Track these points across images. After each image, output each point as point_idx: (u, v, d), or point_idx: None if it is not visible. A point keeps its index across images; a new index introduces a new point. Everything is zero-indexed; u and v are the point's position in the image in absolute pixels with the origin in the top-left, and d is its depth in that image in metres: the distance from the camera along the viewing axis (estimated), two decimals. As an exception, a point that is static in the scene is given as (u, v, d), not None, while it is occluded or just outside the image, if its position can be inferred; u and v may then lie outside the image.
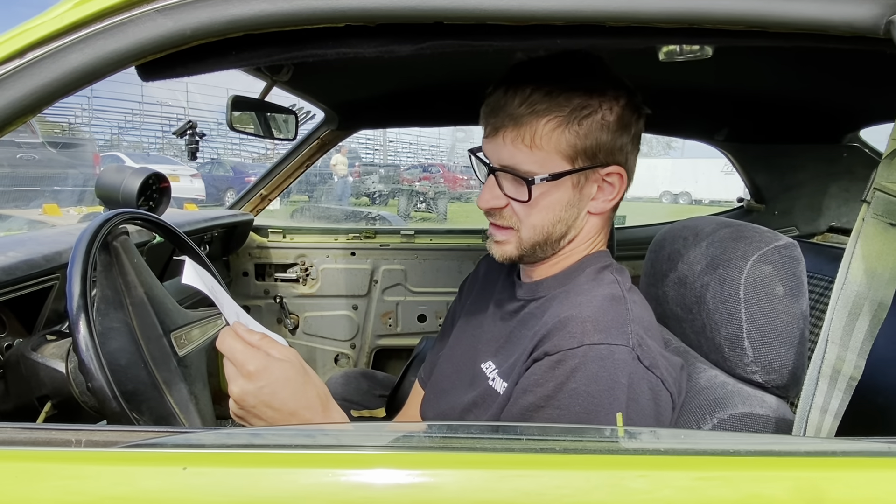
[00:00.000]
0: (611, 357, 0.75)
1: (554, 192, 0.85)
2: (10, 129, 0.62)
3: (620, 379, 0.74)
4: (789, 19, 0.59)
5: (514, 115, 0.83)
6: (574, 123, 0.82)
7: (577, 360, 0.75)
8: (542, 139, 0.83)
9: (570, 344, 0.76)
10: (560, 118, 0.82)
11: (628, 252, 2.20)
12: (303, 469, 0.57)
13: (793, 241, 0.84)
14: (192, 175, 13.43)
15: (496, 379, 0.89)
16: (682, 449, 0.59)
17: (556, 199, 0.86)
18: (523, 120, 0.82)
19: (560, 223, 0.87)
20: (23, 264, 1.08)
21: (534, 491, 0.54)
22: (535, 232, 0.88)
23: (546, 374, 0.77)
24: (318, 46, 0.65)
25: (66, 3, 0.62)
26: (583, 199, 0.87)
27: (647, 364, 0.77)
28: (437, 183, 15.60)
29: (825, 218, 2.22)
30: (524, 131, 0.83)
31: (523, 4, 0.59)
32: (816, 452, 0.59)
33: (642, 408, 0.75)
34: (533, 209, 0.86)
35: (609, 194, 0.88)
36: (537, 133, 0.82)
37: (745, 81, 1.68)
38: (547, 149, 0.83)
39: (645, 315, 0.84)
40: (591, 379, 0.74)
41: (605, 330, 0.77)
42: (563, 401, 0.75)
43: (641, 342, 0.78)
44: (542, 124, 0.82)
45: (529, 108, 0.82)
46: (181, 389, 0.95)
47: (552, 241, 0.89)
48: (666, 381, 0.79)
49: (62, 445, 0.58)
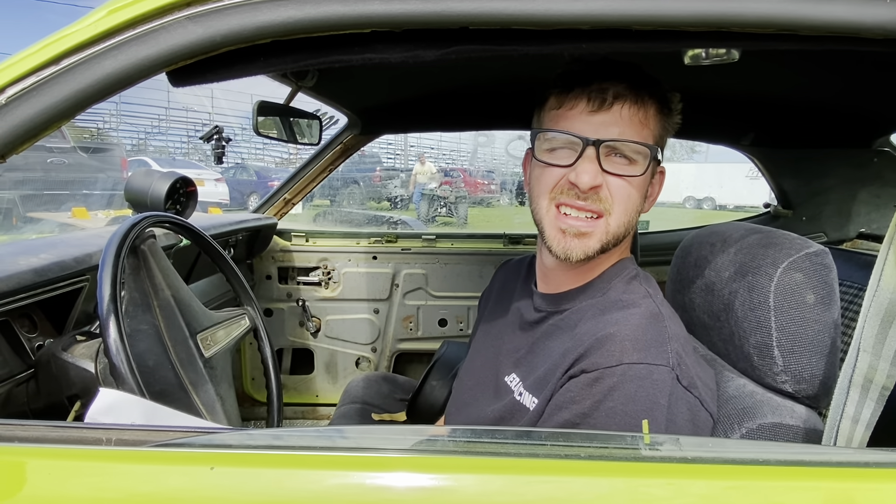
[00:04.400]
0: (650, 377, 0.73)
1: (645, 173, 0.84)
2: (46, 134, 0.64)
3: (660, 400, 0.72)
4: (820, 22, 0.58)
5: (634, 88, 0.81)
6: (667, 115, 0.86)
7: (616, 379, 0.74)
8: (650, 119, 0.83)
9: (609, 362, 0.74)
10: (663, 104, 0.85)
11: (652, 258, 2.17)
12: (327, 471, 0.57)
13: (824, 249, 0.82)
14: (216, 179, 13.61)
15: (524, 393, 0.87)
16: (710, 457, 0.58)
17: (643, 184, 0.85)
18: (643, 95, 0.82)
19: (637, 214, 0.86)
20: (54, 266, 1.10)
21: (558, 497, 0.54)
22: (625, 218, 0.84)
23: (583, 391, 0.75)
24: (345, 52, 0.66)
25: (100, 11, 0.63)
26: (645, 193, 0.87)
27: (685, 384, 0.75)
28: (457, 187, 15.60)
29: (854, 224, 2.18)
30: (640, 107, 0.82)
31: (549, 9, 0.59)
32: (848, 463, 0.57)
33: (679, 428, 0.73)
34: (634, 190, 0.83)
35: (654, 193, 0.90)
36: (649, 112, 0.83)
37: (773, 85, 1.65)
38: (652, 129, 0.84)
39: (680, 331, 0.82)
40: (630, 398, 0.72)
41: (645, 349, 0.75)
42: (600, 419, 0.73)
43: (680, 361, 0.76)
44: (653, 104, 0.83)
45: (646, 87, 0.83)
46: (208, 390, 0.97)
47: (623, 234, 0.86)
48: (705, 402, 0.77)
49: (93, 444, 0.59)
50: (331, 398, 2.41)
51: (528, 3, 0.59)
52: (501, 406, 0.90)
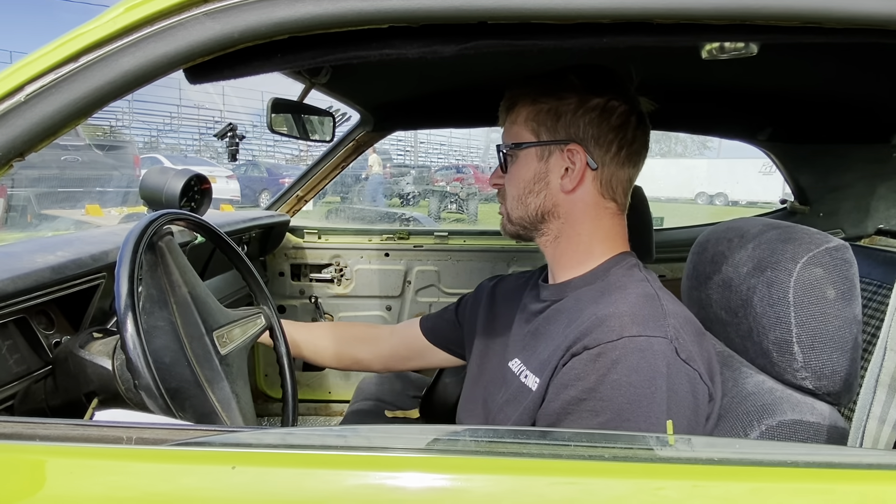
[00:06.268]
0: (650, 348, 0.76)
1: (522, 163, 0.95)
2: (64, 132, 0.64)
3: (661, 368, 0.75)
4: (848, 14, 0.56)
5: (510, 99, 0.96)
6: (543, 101, 0.92)
7: (618, 353, 0.76)
8: (518, 115, 0.95)
9: (610, 337, 0.78)
10: (535, 97, 0.93)
11: (668, 254, 2.16)
12: (345, 470, 0.57)
13: (844, 243, 0.81)
14: (227, 176, 13.69)
15: (528, 375, 0.90)
16: (737, 459, 0.57)
17: (523, 169, 0.95)
18: (515, 101, 0.95)
19: (532, 195, 0.94)
20: (71, 263, 1.11)
21: (578, 499, 0.53)
22: (515, 203, 0.96)
23: (587, 367, 0.78)
24: (362, 48, 0.65)
25: (117, 8, 0.63)
26: (550, 173, 0.92)
27: (684, 357, 0.78)
28: (468, 184, 15.58)
29: (873, 220, 2.15)
30: (513, 112, 0.96)
31: (570, 3, 0.58)
32: (878, 465, 0.56)
33: (681, 398, 0.76)
34: (510, 181, 0.97)
35: (573, 172, 0.92)
36: (516, 110, 0.95)
37: (790, 79, 1.63)
38: (518, 122, 0.95)
39: (679, 310, 0.86)
40: (632, 370, 0.75)
41: (643, 323, 0.79)
42: (606, 392, 0.76)
43: (678, 335, 0.79)
44: (522, 103, 0.94)
45: (520, 93, 0.95)
46: (223, 388, 0.97)
47: (532, 214, 0.95)
48: (703, 375, 0.80)
49: (113, 442, 0.59)
50: (344, 395, 2.41)
51: (548, -3, 0.58)
52: (509, 393, 0.93)
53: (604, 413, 0.76)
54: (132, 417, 0.77)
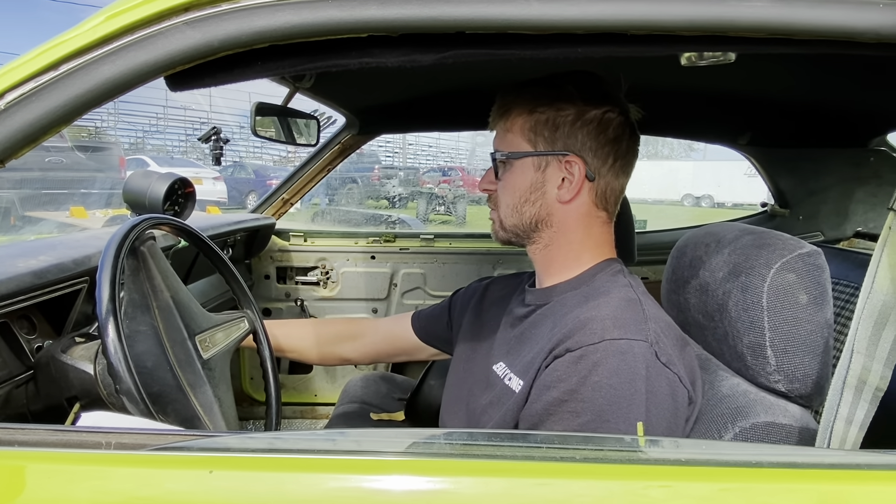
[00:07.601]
0: (630, 351, 0.78)
1: (518, 171, 0.94)
2: (45, 139, 0.64)
3: (640, 371, 0.77)
4: (814, 27, 0.58)
5: (504, 106, 0.95)
6: (540, 111, 0.92)
7: (599, 355, 0.78)
8: (513, 123, 0.94)
9: (592, 340, 0.79)
10: (532, 107, 0.92)
11: (650, 257, 2.18)
12: (326, 474, 0.58)
13: (817, 249, 0.83)
14: (214, 178, 13.59)
15: (512, 378, 0.91)
16: (704, 459, 0.59)
17: (519, 178, 0.94)
18: (510, 108, 0.94)
19: (528, 204, 0.94)
20: (53, 268, 1.10)
21: (554, 499, 0.54)
22: (509, 211, 0.96)
23: (568, 369, 0.80)
24: (342, 56, 0.66)
25: (98, 17, 0.63)
26: (547, 183, 0.92)
27: (664, 360, 0.79)
28: (456, 186, 15.60)
29: (851, 223, 2.18)
30: (508, 120, 0.95)
31: (544, 14, 0.60)
32: (841, 465, 0.58)
33: (660, 400, 0.78)
34: (504, 189, 0.96)
35: (572, 184, 0.92)
36: (511, 119, 0.94)
37: (769, 85, 1.66)
38: (514, 131, 0.94)
39: (660, 315, 0.87)
40: (613, 372, 0.77)
41: (624, 326, 0.80)
42: (587, 394, 0.77)
43: (659, 339, 0.81)
44: (518, 111, 0.93)
45: (515, 101, 0.94)
46: (206, 392, 0.97)
47: (527, 223, 0.95)
48: (683, 378, 0.81)
49: (92, 448, 0.59)
50: (329, 398, 2.41)
51: (523, 9, 0.59)
52: (492, 394, 0.95)
53: (584, 414, 0.77)
54: (114, 421, 0.77)
